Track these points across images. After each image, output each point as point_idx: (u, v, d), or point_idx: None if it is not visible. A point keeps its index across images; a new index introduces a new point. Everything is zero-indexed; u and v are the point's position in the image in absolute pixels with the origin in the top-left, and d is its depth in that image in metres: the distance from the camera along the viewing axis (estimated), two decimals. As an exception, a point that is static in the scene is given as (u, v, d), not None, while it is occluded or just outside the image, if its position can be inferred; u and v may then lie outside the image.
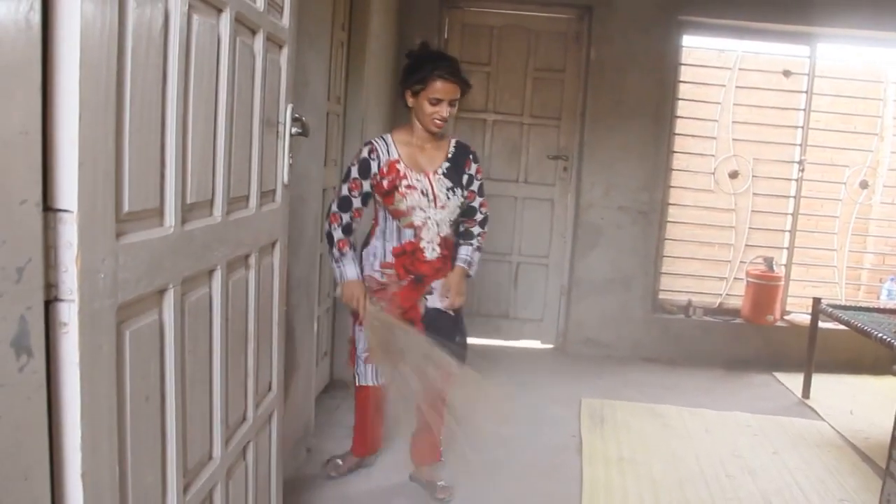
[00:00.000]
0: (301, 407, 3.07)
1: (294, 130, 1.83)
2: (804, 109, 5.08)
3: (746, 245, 5.23)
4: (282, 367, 2.00)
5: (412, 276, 2.71)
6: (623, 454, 3.41)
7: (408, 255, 2.70)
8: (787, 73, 5.11)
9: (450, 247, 2.80)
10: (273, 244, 1.84)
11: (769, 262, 5.06)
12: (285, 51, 1.77)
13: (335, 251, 2.65)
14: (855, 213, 5.26)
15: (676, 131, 5.05)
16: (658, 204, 5.03)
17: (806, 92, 5.06)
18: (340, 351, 3.94)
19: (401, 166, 2.63)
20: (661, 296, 5.24)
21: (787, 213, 5.20)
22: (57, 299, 0.92)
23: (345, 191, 2.64)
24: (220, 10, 1.34)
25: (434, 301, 2.76)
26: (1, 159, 0.78)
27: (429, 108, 2.56)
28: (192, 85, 1.23)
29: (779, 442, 3.70)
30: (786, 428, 3.92)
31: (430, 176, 2.67)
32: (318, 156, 2.96)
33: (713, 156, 5.14)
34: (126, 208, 1.04)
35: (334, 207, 2.65)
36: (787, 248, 5.21)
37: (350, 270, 2.65)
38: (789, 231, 5.20)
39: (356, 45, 3.70)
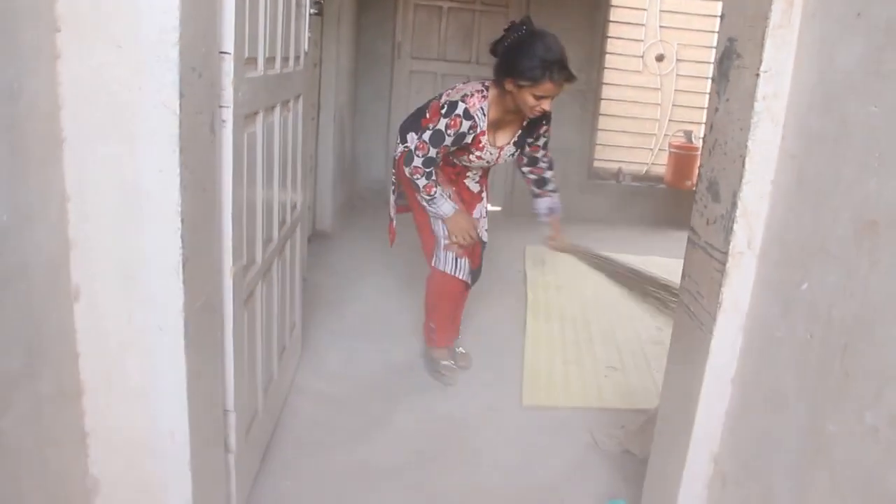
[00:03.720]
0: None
1: (312, 11, 2.44)
2: None
3: (670, 120, 5.96)
4: (304, 191, 2.68)
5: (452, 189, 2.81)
6: (560, 283, 4.23)
7: (453, 174, 2.86)
8: (709, -35, 5.73)
9: (487, 175, 2.99)
10: (298, 97, 2.48)
11: (689, 135, 5.81)
12: (306, -51, 2.37)
13: (423, 195, 2.62)
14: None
15: (611, 18, 5.68)
16: (594, 83, 5.72)
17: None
18: (321, 205, 4.65)
19: (484, 139, 2.63)
20: (596, 164, 5.99)
21: (706, 93, 5.92)
22: (221, 106, 1.57)
23: (432, 152, 2.55)
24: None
25: (480, 230, 2.93)
26: (213, 28, 1.42)
27: (531, 102, 2.48)
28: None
29: (686, 277, 4.55)
30: (693, 268, 4.77)
31: (502, 149, 2.73)
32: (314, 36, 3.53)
33: (642, 41, 5.80)
34: (246, 55, 1.69)
35: (417, 162, 2.56)
36: (705, 123, 5.97)
37: (448, 206, 2.65)
38: (707, 108, 5.94)
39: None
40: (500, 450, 2.48)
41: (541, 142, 2.86)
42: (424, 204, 2.67)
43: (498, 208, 5.98)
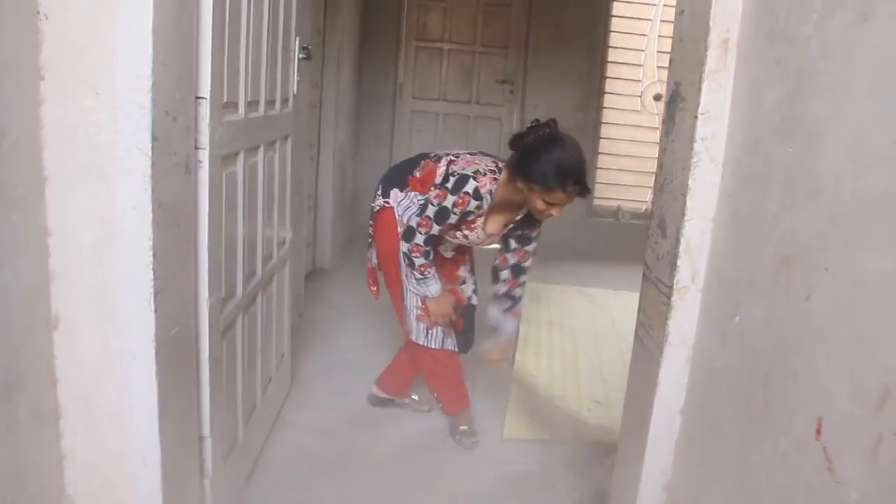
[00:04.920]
0: (293, 283, 3.84)
1: (301, 56, 2.56)
2: (718, 40, 5.87)
3: (668, 159, 6.04)
4: (291, 229, 2.77)
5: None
6: (553, 319, 4.28)
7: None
8: (704, 8, 5.87)
9: (464, 248, 2.83)
10: (286, 137, 2.58)
11: (686, 173, 5.89)
12: (294, -2, 2.49)
13: (417, 273, 2.53)
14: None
15: (608, 59, 5.81)
16: (592, 122, 5.83)
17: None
18: (321, 242, 4.75)
19: (479, 221, 2.53)
20: (596, 202, 6.07)
21: (703, 131, 6.02)
22: (197, 147, 1.67)
23: (435, 229, 2.46)
24: (262, -25, 2.07)
25: (467, 291, 2.87)
26: (190, 75, 1.53)
27: (541, 206, 2.36)
28: (252, 25, 1.96)
29: (680, 314, 4.60)
30: (688, 304, 4.82)
31: (490, 237, 2.62)
32: (306, 79, 3.66)
33: (640, 81, 5.92)
34: (225, 99, 1.79)
35: (419, 240, 2.46)
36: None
37: (436, 287, 2.57)
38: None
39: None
40: (478, 481, 2.53)
41: (531, 247, 2.69)
42: (413, 281, 2.58)
43: (496, 245, 6.07)
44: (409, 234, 2.48)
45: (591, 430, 2.94)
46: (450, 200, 2.41)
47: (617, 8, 5.78)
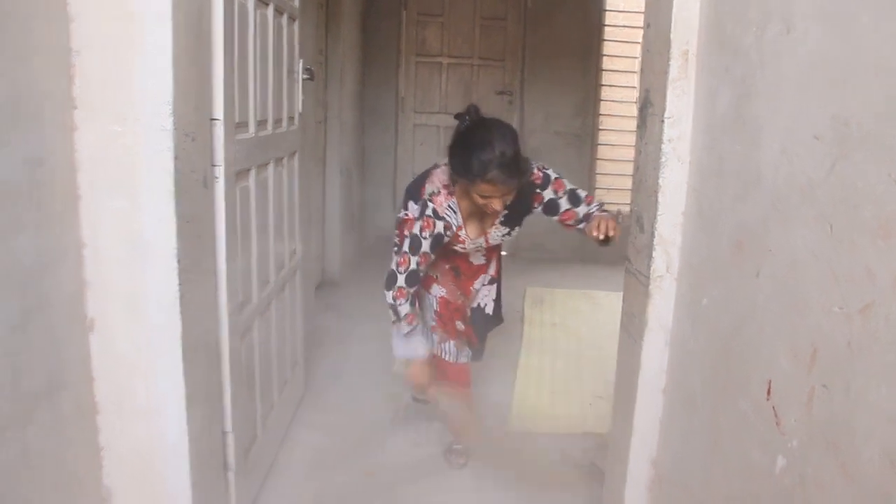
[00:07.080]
0: (304, 293, 4.00)
1: (304, 77, 2.73)
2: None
3: (666, 162, 6.18)
4: (300, 241, 2.94)
5: (451, 268, 2.65)
6: (556, 321, 4.43)
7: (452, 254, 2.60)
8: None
9: (492, 250, 2.74)
10: (294, 153, 2.75)
11: (684, 175, 6.03)
12: (296, 23, 2.66)
13: (403, 324, 2.41)
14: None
15: (603, 67, 5.97)
16: (590, 128, 5.98)
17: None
18: (329, 254, 4.91)
19: (463, 233, 2.41)
20: (596, 207, 6.21)
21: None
22: (213, 164, 1.84)
23: (413, 264, 2.32)
24: (267, 4, 2.24)
25: (478, 299, 2.80)
26: (205, 99, 1.69)
27: (480, 201, 2.20)
28: (258, 50, 2.13)
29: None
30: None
31: (488, 234, 2.48)
32: (311, 97, 3.84)
33: (635, 87, 6.06)
34: (237, 120, 1.96)
35: (401, 282, 2.33)
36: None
37: (419, 350, 2.48)
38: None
39: (333, 6, 4.55)
40: (481, 470, 2.69)
41: (563, 205, 2.46)
42: (401, 336, 2.48)
43: (504, 253, 6.21)
44: (391, 279, 2.36)
45: (592, 423, 3.08)
46: (417, 226, 2.32)
47: (610, 17, 5.93)
